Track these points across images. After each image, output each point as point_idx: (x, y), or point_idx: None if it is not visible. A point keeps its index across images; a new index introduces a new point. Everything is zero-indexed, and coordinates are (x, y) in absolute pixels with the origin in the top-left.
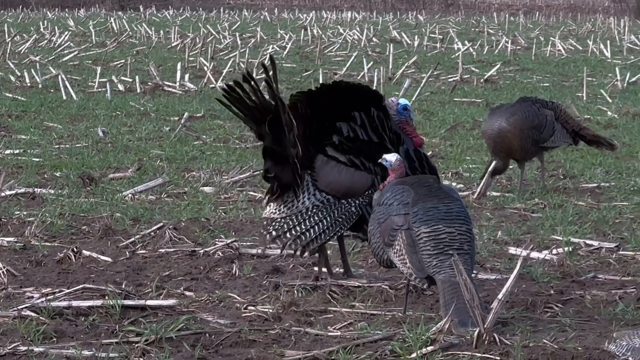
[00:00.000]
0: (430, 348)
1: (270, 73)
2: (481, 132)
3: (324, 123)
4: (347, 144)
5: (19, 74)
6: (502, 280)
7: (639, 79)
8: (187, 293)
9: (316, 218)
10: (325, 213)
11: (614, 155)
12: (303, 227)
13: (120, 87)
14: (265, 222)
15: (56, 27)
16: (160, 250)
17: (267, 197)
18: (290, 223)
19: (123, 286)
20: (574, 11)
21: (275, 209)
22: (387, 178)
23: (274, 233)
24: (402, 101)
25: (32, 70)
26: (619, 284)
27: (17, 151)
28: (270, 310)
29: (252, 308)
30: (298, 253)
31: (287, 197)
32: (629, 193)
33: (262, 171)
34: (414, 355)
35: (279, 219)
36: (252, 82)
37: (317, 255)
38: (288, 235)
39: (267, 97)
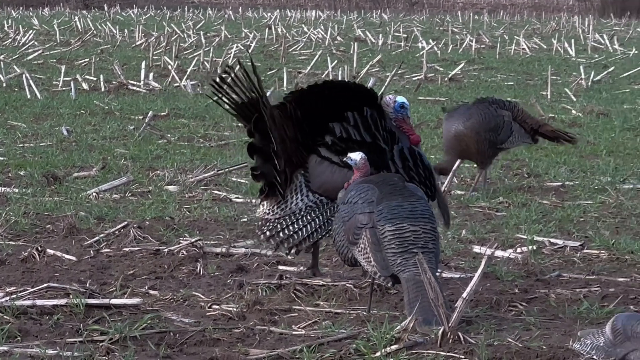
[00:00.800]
0: (394, 347)
1: (248, 71)
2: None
3: (316, 123)
4: (339, 145)
5: None
6: (467, 279)
7: (603, 78)
8: (152, 292)
9: (309, 217)
10: (318, 212)
11: (578, 153)
12: (296, 226)
13: (85, 85)
14: (259, 223)
15: (20, 26)
16: (125, 249)
17: (259, 196)
18: (284, 223)
19: (87, 285)
20: (539, 10)
21: (269, 210)
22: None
23: (267, 233)
24: (400, 99)
25: None
26: (583, 283)
27: None
28: (235, 309)
29: (217, 307)
30: (292, 252)
31: (280, 198)
32: (593, 192)
33: (250, 168)
34: (378, 354)
35: (273, 220)
36: (239, 76)
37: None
38: (281, 235)
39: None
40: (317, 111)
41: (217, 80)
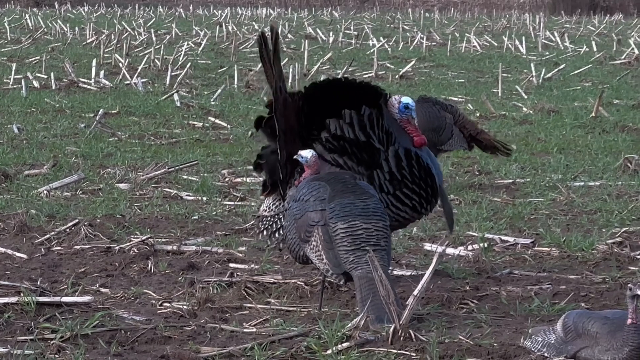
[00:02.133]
0: (345, 344)
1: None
2: None
3: (314, 118)
4: (332, 143)
5: None
6: (418, 277)
7: (554, 75)
8: (103, 290)
9: None
10: None
11: (529, 151)
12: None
13: (36, 83)
14: (257, 219)
15: None
16: (76, 247)
17: (262, 193)
18: (279, 222)
19: (38, 283)
20: (489, 7)
21: (267, 207)
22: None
23: (264, 232)
24: (405, 100)
25: None
26: (535, 280)
27: None
28: (186, 307)
29: (168, 304)
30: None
31: (278, 195)
32: (544, 189)
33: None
34: (329, 351)
35: (269, 217)
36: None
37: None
38: (277, 235)
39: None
40: (319, 106)
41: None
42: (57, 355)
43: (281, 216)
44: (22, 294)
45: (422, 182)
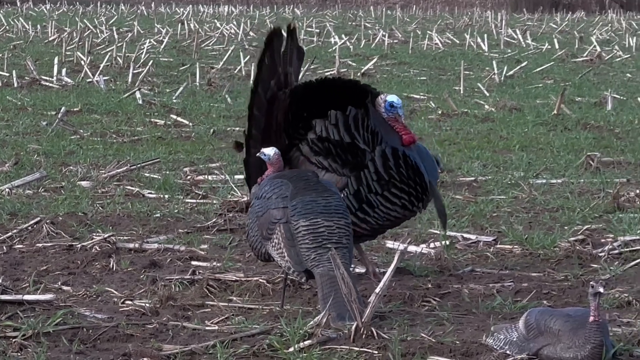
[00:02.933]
0: (307, 342)
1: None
2: None
3: (301, 117)
4: (318, 145)
5: None
6: (380, 274)
7: (516, 73)
8: (65, 287)
9: None
10: None
11: (491, 148)
12: None
13: None
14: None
15: None
16: (38, 244)
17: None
18: None
19: (0, 281)
20: (451, 5)
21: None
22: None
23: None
24: (390, 98)
25: None
26: (497, 278)
27: None
28: (148, 305)
29: (130, 302)
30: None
31: None
32: (506, 187)
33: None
34: (291, 349)
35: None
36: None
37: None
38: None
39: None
40: (308, 105)
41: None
42: (19, 354)
43: None
44: None
45: (410, 181)
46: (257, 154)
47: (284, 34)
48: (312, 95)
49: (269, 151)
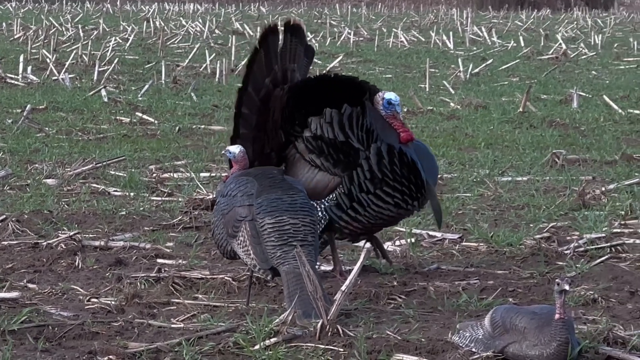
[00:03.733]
0: (273, 340)
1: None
2: None
3: (298, 113)
4: (312, 143)
5: None
6: (346, 272)
7: (481, 70)
8: (30, 285)
9: None
10: None
11: (456, 146)
12: None
13: None
14: None
15: None
16: (3, 242)
17: None
18: None
19: None
20: (417, 3)
21: None
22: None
23: None
24: (387, 95)
25: None
26: (462, 275)
27: None
28: (113, 303)
29: (95, 300)
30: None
31: None
32: (472, 184)
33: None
34: (257, 346)
35: None
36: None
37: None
38: None
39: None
40: (305, 102)
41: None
42: None
43: None
44: None
45: (403, 179)
46: (223, 152)
47: (281, 31)
48: (311, 92)
49: (234, 149)
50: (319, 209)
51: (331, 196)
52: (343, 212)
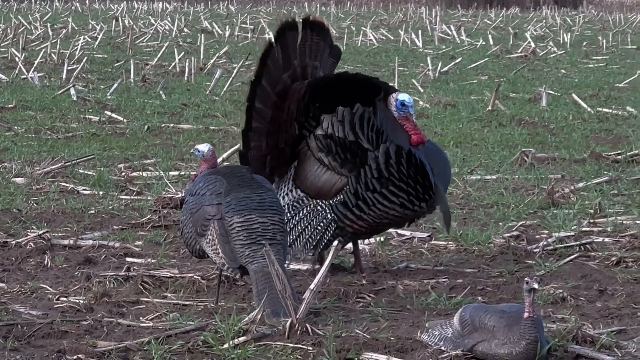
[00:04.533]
0: (242, 338)
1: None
2: None
3: (314, 108)
4: (322, 141)
5: None
6: (314, 271)
7: (450, 69)
8: None
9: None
10: (302, 214)
11: None
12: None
13: None
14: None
15: None
16: None
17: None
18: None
19: None
20: (386, 1)
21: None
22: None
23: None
24: (401, 97)
25: None
26: (431, 274)
27: None
28: (82, 301)
29: (64, 299)
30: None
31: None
32: None
33: None
34: (226, 345)
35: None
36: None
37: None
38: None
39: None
40: (322, 98)
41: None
42: None
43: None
44: None
45: (410, 180)
46: (191, 151)
47: (300, 26)
48: (329, 88)
49: (203, 147)
50: (327, 210)
51: (337, 198)
52: (348, 210)
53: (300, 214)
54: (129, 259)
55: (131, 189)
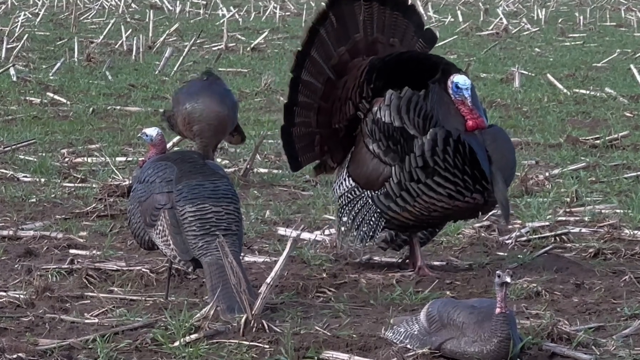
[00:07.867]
0: (194, 336)
1: None
2: (184, 114)
3: (368, 87)
4: (369, 126)
5: None
6: (271, 263)
7: None
8: None
9: (347, 208)
10: (352, 205)
11: None
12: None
13: None
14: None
15: None
16: None
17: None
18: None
19: None
20: None
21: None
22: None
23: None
24: (456, 79)
25: None
26: (396, 267)
27: None
28: (23, 296)
29: (3, 294)
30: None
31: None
32: None
33: None
34: (176, 343)
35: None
36: None
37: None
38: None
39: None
40: (380, 77)
41: None
42: None
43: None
44: None
45: (456, 170)
46: (139, 135)
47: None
48: (390, 68)
49: (151, 131)
50: (370, 202)
51: (382, 189)
52: (392, 202)
53: (356, 208)
54: (72, 251)
55: (75, 176)
